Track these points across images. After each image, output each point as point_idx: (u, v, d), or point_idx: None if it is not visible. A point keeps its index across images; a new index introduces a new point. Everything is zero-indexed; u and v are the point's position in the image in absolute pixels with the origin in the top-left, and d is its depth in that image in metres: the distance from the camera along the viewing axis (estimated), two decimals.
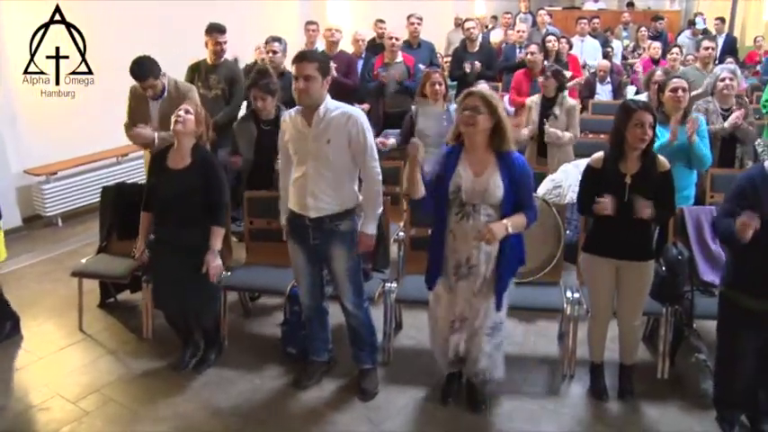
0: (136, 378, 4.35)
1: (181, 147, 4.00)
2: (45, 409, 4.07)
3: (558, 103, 5.77)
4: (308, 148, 3.70)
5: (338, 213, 3.76)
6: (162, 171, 4.04)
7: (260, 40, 6.98)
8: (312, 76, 3.59)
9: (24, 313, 5.03)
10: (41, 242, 6.79)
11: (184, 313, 4.31)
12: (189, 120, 3.95)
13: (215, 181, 4.02)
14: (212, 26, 6.20)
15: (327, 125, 3.67)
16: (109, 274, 4.89)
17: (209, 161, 4.04)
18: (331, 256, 3.85)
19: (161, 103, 5.05)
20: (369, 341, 4.09)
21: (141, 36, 5.20)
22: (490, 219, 3.45)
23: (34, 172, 7.08)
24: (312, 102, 3.65)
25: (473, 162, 3.49)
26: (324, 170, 3.70)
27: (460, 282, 3.59)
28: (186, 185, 3.95)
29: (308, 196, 3.73)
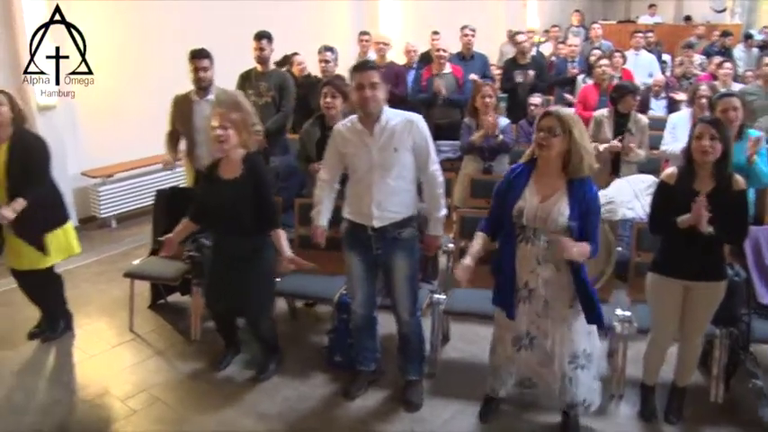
0: (183, 380, 4.40)
1: (230, 158, 4.02)
2: (95, 405, 4.16)
3: (632, 120, 5.66)
4: (373, 157, 3.70)
5: (401, 221, 3.76)
6: (213, 181, 4.08)
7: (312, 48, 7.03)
8: (378, 84, 3.62)
9: (78, 312, 5.14)
10: (96, 243, 6.93)
11: (232, 316, 4.34)
12: (230, 135, 3.95)
13: (265, 188, 4.04)
14: (260, 34, 6.27)
15: (392, 133, 3.67)
16: (160, 276, 4.97)
17: (258, 169, 4.07)
18: (392, 264, 3.84)
19: (210, 105, 5.12)
20: (418, 352, 4.08)
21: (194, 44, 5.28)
22: (550, 245, 3.34)
23: (91, 174, 7.27)
24: (378, 108, 3.67)
25: (542, 185, 3.37)
26: (389, 178, 3.70)
27: (521, 303, 3.49)
28: (238, 195, 3.97)
29: (374, 206, 3.72)
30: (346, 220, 3.91)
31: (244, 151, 4.04)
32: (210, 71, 5.20)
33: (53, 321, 4.93)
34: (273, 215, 4.07)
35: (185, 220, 4.21)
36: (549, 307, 3.45)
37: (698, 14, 16.57)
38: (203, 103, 5.16)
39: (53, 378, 4.49)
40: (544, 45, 11.35)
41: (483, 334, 4.63)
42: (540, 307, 3.46)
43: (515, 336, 3.57)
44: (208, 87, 5.21)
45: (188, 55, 5.21)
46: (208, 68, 5.17)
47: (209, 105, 5.06)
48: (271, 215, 4.05)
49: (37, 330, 4.94)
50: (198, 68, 5.14)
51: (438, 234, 3.92)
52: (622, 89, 5.73)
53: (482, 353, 4.47)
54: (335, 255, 4.27)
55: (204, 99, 5.18)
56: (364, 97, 3.63)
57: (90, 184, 7.32)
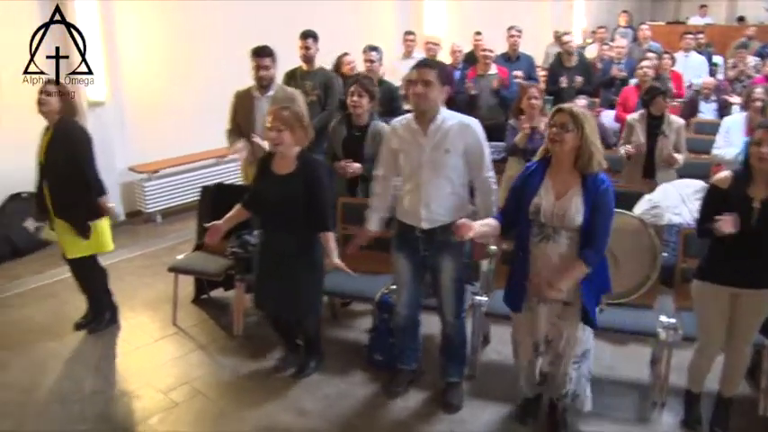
0: (224, 374, 4.45)
1: (285, 154, 4.01)
2: (138, 396, 4.23)
3: (665, 122, 5.57)
4: (424, 157, 3.69)
5: (450, 224, 3.70)
6: (267, 175, 4.05)
7: (357, 47, 7.05)
8: (431, 82, 3.59)
9: (123, 304, 5.24)
10: (141, 237, 7.06)
11: (284, 316, 4.34)
12: (284, 137, 3.93)
13: (318, 187, 3.98)
14: (305, 33, 6.31)
15: (445, 135, 3.65)
16: (204, 272, 5.03)
17: (313, 167, 4.02)
18: (440, 267, 3.83)
19: (269, 101, 5.17)
20: (460, 353, 4.06)
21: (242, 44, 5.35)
22: (571, 242, 3.31)
23: (138, 169, 7.40)
24: (428, 107, 3.64)
25: (556, 182, 3.35)
26: (440, 180, 3.69)
27: (540, 305, 3.46)
28: (290, 191, 3.95)
29: (422, 207, 3.72)
30: (396, 220, 3.91)
31: (299, 148, 4.02)
32: (272, 70, 5.23)
33: (99, 313, 5.04)
34: (324, 215, 4.01)
35: (238, 207, 4.19)
36: (567, 309, 3.43)
37: (751, 15, 16.20)
38: (264, 99, 5.21)
39: (98, 368, 4.57)
40: (590, 46, 11.22)
41: None
42: (559, 308, 3.44)
43: (535, 341, 3.56)
44: (269, 85, 5.24)
45: (250, 52, 5.26)
46: (269, 67, 5.20)
47: (269, 101, 5.12)
48: (321, 215, 3.99)
49: (83, 321, 5.05)
50: (259, 66, 5.18)
51: (486, 242, 3.88)
52: (653, 91, 5.64)
53: None
54: (377, 254, 4.27)
55: (265, 96, 5.23)
56: (415, 93, 3.63)
57: (136, 179, 7.46)
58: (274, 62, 5.26)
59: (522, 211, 3.39)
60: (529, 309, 3.52)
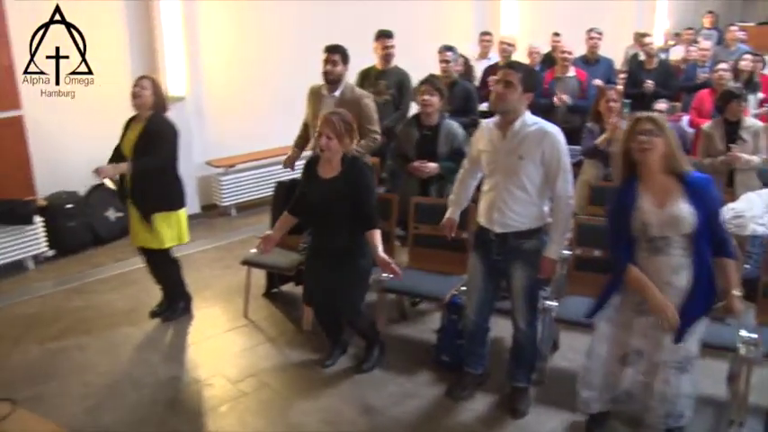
0: (292, 367, 4.51)
1: (332, 157, 4.05)
2: (208, 384, 4.34)
3: (743, 127, 5.37)
4: (500, 161, 3.66)
5: (523, 231, 3.68)
6: (313, 179, 4.13)
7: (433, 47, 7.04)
8: (512, 83, 3.55)
9: (196, 295, 5.38)
10: (216, 230, 7.24)
11: (332, 313, 4.39)
12: (332, 145, 3.97)
13: (363, 189, 4.03)
14: (381, 32, 6.33)
15: (522, 140, 3.60)
16: (276, 266, 5.11)
17: (357, 169, 4.06)
18: (511, 273, 3.79)
19: (336, 102, 5.21)
20: (529, 360, 4.00)
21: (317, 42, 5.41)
22: (683, 251, 3.18)
23: (214, 164, 7.58)
24: (506, 108, 3.60)
25: (654, 192, 3.21)
26: (512, 186, 3.64)
27: (640, 317, 3.32)
28: (335, 194, 4.01)
29: (495, 211, 3.69)
30: (477, 221, 3.90)
31: (343, 151, 4.06)
32: (340, 67, 5.23)
33: (173, 302, 5.20)
34: (370, 216, 4.04)
35: (285, 214, 4.28)
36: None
37: None
38: (330, 98, 5.24)
39: (170, 356, 4.71)
40: (674, 48, 10.89)
41: None
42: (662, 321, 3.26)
43: (624, 353, 3.41)
44: (336, 82, 5.24)
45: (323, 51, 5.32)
46: (337, 63, 5.21)
47: (336, 101, 5.14)
48: (367, 216, 4.03)
49: (158, 310, 5.21)
50: (327, 61, 5.22)
51: (554, 257, 3.76)
52: (726, 95, 5.45)
53: None
54: (448, 254, 4.26)
55: (332, 94, 5.25)
56: (496, 92, 3.60)
57: (213, 173, 7.64)
58: (344, 61, 5.25)
59: (625, 230, 3.27)
60: (621, 323, 3.39)
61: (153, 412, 4.05)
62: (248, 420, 3.97)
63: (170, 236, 4.89)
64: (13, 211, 6.08)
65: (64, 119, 6.28)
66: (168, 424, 3.95)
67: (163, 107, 4.82)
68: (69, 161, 6.51)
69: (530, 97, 3.63)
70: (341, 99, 5.17)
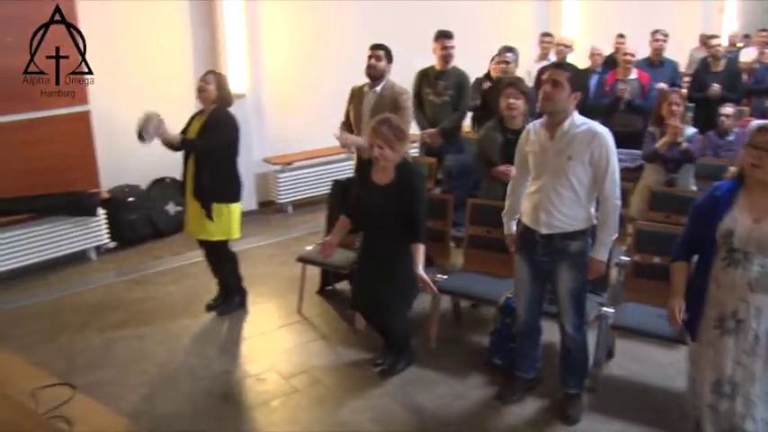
0: (343, 365, 4.55)
1: (385, 165, 4.06)
2: (261, 379, 4.41)
3: None
4: (548, 162, 3.63)
5: (570, 233, 3.65)
6: (366, 184, 4.16)
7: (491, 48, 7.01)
8: (560, 83, 3.52)
9: (251, 290, 5.47)
10: (272, 227, 7.35)
11: (378, 315, 4.40)
12: (386, 153, 3.98)
13: (415, 199, 4.03)
14: (440, 32, 6.32)
15: (570, 140, 3.57)
16: (331, 264, 5.13)
17: (411, 179, 4.06)
18: (557, 275, 3.76)
19: (375, 97, 5.25)
20: (580, 365, 3.95)
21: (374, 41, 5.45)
22: (762, 270, 3.01)
23: (272, 161, 7.69)
24: (554, 109, 3.58)
25: (755, 205, 3.05)
26: (560, 187, 3.61)
27: (725, 337, 3.14)
28: (387, 201, 4.02)
29: (542, 211, 3.66)
30: (520, 221, 3.88)
31: (398, 158, 4.06)
32: (383, 63, 5.30)
33: (229, 296, 5.29)
34: (418, 227, 4.03)
35: (342, 218, 4.34)
36: (758, 343, 3.09)
37: None
38: (371, 94, 5.32)
39: (225, 349, 4.81)
40: (746, 50, 10.58)
41: (652, 355, 4.45)
42: (748, 343, 3.10)
43: (716, 379, 3.18)
44: (378, 78, 5.32)
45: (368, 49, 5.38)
46: (380, 59, 5.29)
47: (376, 96, 5.27)
48: (415, 227, 4.02)
49: (214, 303, 5.32)
50: (371, 57, 5.31)
51: (602, 258, 3.73)
52: None
53: (649, 374, 4.32)
54: (504, 257, 4.24)
55: (372, 90, 5.33)
56: (543, 92, 3.58)
57: (271, 170, 7.76)
58: (388, 59, 5.33)
59: (707, 235, 3.14)
60: (707, 342, 3.21)
61: (207, 404, 4.14)
62: (299, 416, 4.02)
63: (219, 229, 4.98)
64: (78, 202, 6.29)
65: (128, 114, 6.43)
66: (221, 416, 4.03)
67: (227, 102, 4.94)
68: (132, 156, 6.66)
69: (577, 97, 3.59)
70: (380, 95, 5.26)
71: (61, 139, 6.27)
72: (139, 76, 6.73)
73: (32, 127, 6.09)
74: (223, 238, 5.05)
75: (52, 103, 6.09)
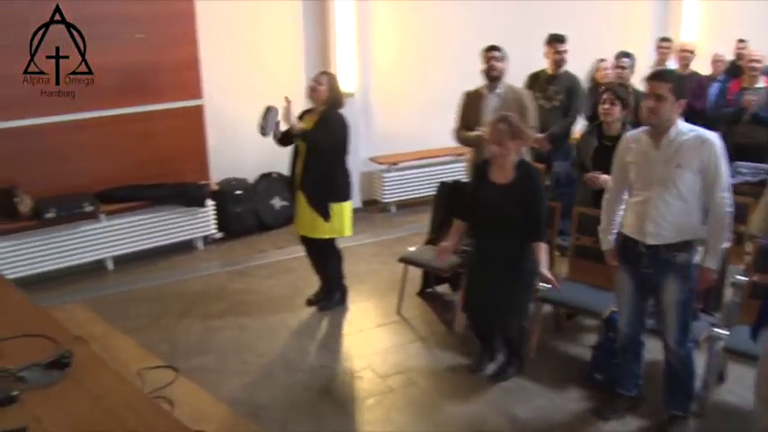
0: (440, 369, 4.55)
1: (504, 163, 4.04)
2: (358, 377, 4.47)
3: None
4: (654, 171, 3.53)
5: (677, 243, 3.54)
6: (484, 183, 4.13)
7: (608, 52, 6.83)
8: (663, 97, 3.41)
9: (352, 288, 5.55)
10: (375, 226, 7.45)
11: (491, 321, 4.37)
12: (503, 151, 3.96)
13: (536, 198, 4.01)
14: (553, 36, 6.22)
15: (678, 148, 3.46)
16: (433, 266, 5.13)
17: (531, 177, 4.04)
18: (662, 287, 3.64)
19: (499, 100, 5.21)
20: (685, 386, 3.79)
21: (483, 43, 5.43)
22: None
23: (378, 160, 7.78)
24: (659, 123, 3.47)
25: None
26: (668, 196, 3.50)
27: None
28: (507, 200, 4.00)
29: (648, 222, 3.55)
30: (621, 233, 3.78)
31: (517, 157, 4.05)
32: (501, 63, 5.29)
33: (330, 293, 5.39)
34: (539, 226, 4.02)
35: (457, 222, 4.34)
36: None
37: None
38: (492, 96, 5.29)
39: (323, 344, 4.91)
40: None
41: None
42: None
43: None
44: (498, 79, 5.29)
45: (481, 50, 5.35)
46: (499, 59, 5.28)
47: (498, 99, 5.22)
48: (536, 226, 4.01)
49: (314, 298, 5.44)
50: (490, 58, 5.28)
51: (712, 267, 3.61)
52: None
53: None
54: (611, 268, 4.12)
55: (493, 93, 5.30)
56: (646, 107, 3.47)
57: (376, 169, 7.86)
58: (504, 58, 5.33)
59: None
60: None
61: (304, 397, 4.23)
62: (393, 416, 4.05)
63: (331, 227, 5.07)
64: (188, 193, 6.57)
65: (239, 109, 6.69)
66: (317, 410, 4.11)
67: (338, 103, 5.02)
68: (241, 149, 6.93)
69: (682, 104, 3.49)
70: (504, 97, 5.22)
71: (175, 132, 6.59)
72: (252, 73, 6.96)
73: (149, 119, 6.43)
74: (335, 235, 5.16)
75: (169, 96, 6.41)
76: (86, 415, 2.28)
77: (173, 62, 6.42)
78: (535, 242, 4.02)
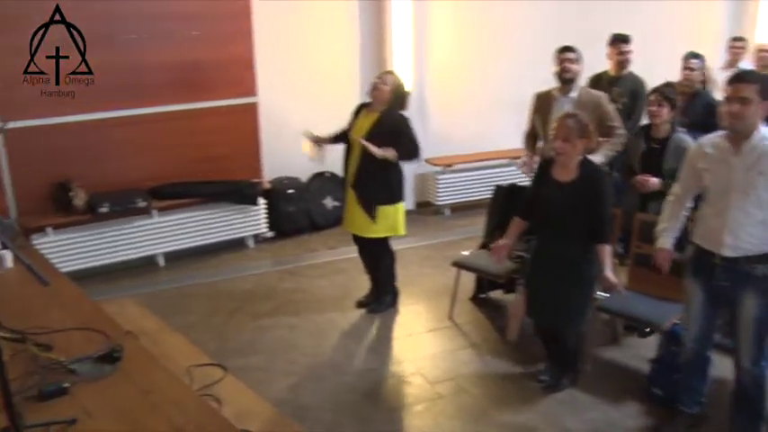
0: (491, 377, 4.52)
1: (567, 161, 4.00)
2: (407, 382, 4.47)
3: None
4: (734, 179, 3.41)
5: (758, 255, 3.42)
6: (547, 182, 4.09)
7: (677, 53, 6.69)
8: (749, 99, 3.29)
9: (403, 291, 5.57)
10: (428, 228, 7.43)
11: (553, 324, 4.32)
12: (568, 147, 3.91)
13: (600, 198, 3.95)
14: (616, 36, 6.12)
15: (761, 155, 3.34)
16: (487, 271, 5.13)
17: (596, 176, 3.99)
18: (739, 301, 3.52)
19: (573, 104, 5.13)
20: (755, 408, 3.67)
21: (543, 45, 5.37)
22: None
23: (433, 162, 7.76)
24: (744, 128, 3.35)
25: None
26: (749, 205, 3.38)
27: None
28: (570, 199, 3.94)
29: (727, 233, 3.44)
30: (694, 243, 3.68)
31: (578, 155, 3.99)
32: (576, 65, 5.20)
33: (381, 294, 5.42)
34: (603, 228, 3.96)
35: (516, 219, 4.29)
36: None
37: None
38: (564, 100, 5.18)
39: (372, 347, 4.93)
40: None
41: None
42: None
43: None
44: (572, 81, 5.20)
45: (555, 51, 5.28)
46: (573, 61, 5.18)
47: (570, 103, 5.09)
48: (600, 227, 3.95)
49: (365, 300, 5.47)
50: (564, 60, 5.19)
51: None
52: None
53: None
54: (671, 278, 4.03)
55: (566, 96, 5.19)
56: (729, 112, 3.36)
57: (431, 171, 7.84)
58: (579, 60, 5.22)
59: None
60: None
61: (350, 400, 4.25)
62: (442, 423, 4.04)
63: (384, 226, 5.10)
64: (240, 191, 6.68)
65: (293, 108, 6.77)
66: (363, 414, 4.13)
67: (399, 105, 5.04)
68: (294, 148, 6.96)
69: (766, 107, 3.35)
70: (578, 101, 5.10)
71: (229, 129, 6.71)
72: (307, 72, 7.03)
73: (204, 116, 6.56)
74: (390, 234, 5.18)
75: (224, 93, 6.53)
76: (135, 410, 2.34)
77: (228, 59, 6.54)
78: (599, 244, 3.96)
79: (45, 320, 2.93)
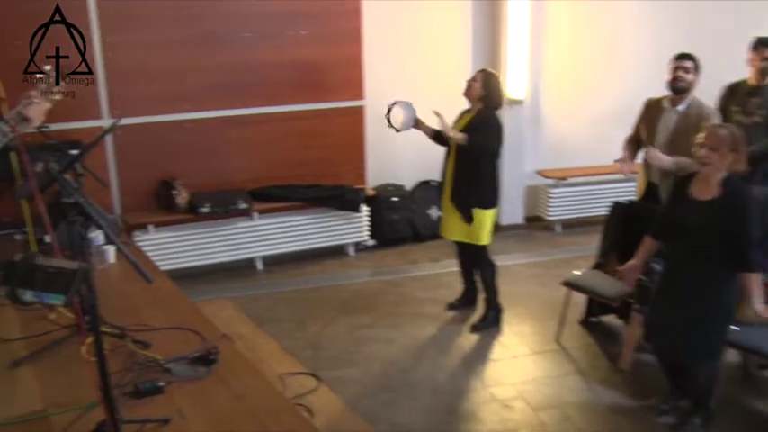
0: (601, 408, 4.37)
1: (708, 178, 3.81)
2: (507, 406, 4.38)
3: None
4: None
5: None
6: (683, 199, 3.89)
7: None
8: None
9: (508, 310, 5.49)
10: (537, 244, 7.33)
11: (677, 355, 4.13)
12: (713, 156, 3.69)
13: (743, 219, 3.71)
14: (760, 40, 5.81)
15: None
16: (600, 293, 4.98)
17: (740, 196, 3.74)
18: None
19: (678, 118, 4.93)
20: None
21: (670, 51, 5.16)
22: None
23: (545, 174, 7.64)
24: None
25: None
26: None
27: None
28: (709, 220, 3.73)
29: None
30: None
31: (725, 172, 3.79)
32: (692, 75, 4.98)
33: (485, 312, 5.40)
34: (745, 253, 3.72)
35: (647, 238, 4.14)
36: None
37: None
38: (672, 112, 4.98)
39: (472, 368, 4.86)
40: None
41: None
42: None
43: None
44: (684, 92, 5.00)
45: (671, 58, 5.10)
46: (689, 70, 4.96)
47: (678, 116, 4.90)
48: (742, 252, 3.71)
49: (456, 303, 5.64)
50: (678, 68, 4.99)
51: None
52: None
53: None
54: None
55: (675, 108, 4.99)
56: None
57: (543, 184, 7.72)
58: (696, 70, 4.98)
59: None
60: None
61: (447, 422, 4.21)
62: None
63: (468, 232, 5.16)
64: (343, 197, 6.76)
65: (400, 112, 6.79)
66: None
67: (494, 103, 5.08)
68: (401, 154, 7.03)
69: None
70: (685, 114, 4.89)
71: (334, 133, 6.82)
72: (416, 75, 7.04)
73: (309, 118, 6.69)
74: (468, 241, 5.21)
75: (331, 96, 6.64)
76: (228, 413, 2.39)
77: (336, 61, 6.66)
78: (743, 271, 3.75)
79: (144, 317, 3.04)
